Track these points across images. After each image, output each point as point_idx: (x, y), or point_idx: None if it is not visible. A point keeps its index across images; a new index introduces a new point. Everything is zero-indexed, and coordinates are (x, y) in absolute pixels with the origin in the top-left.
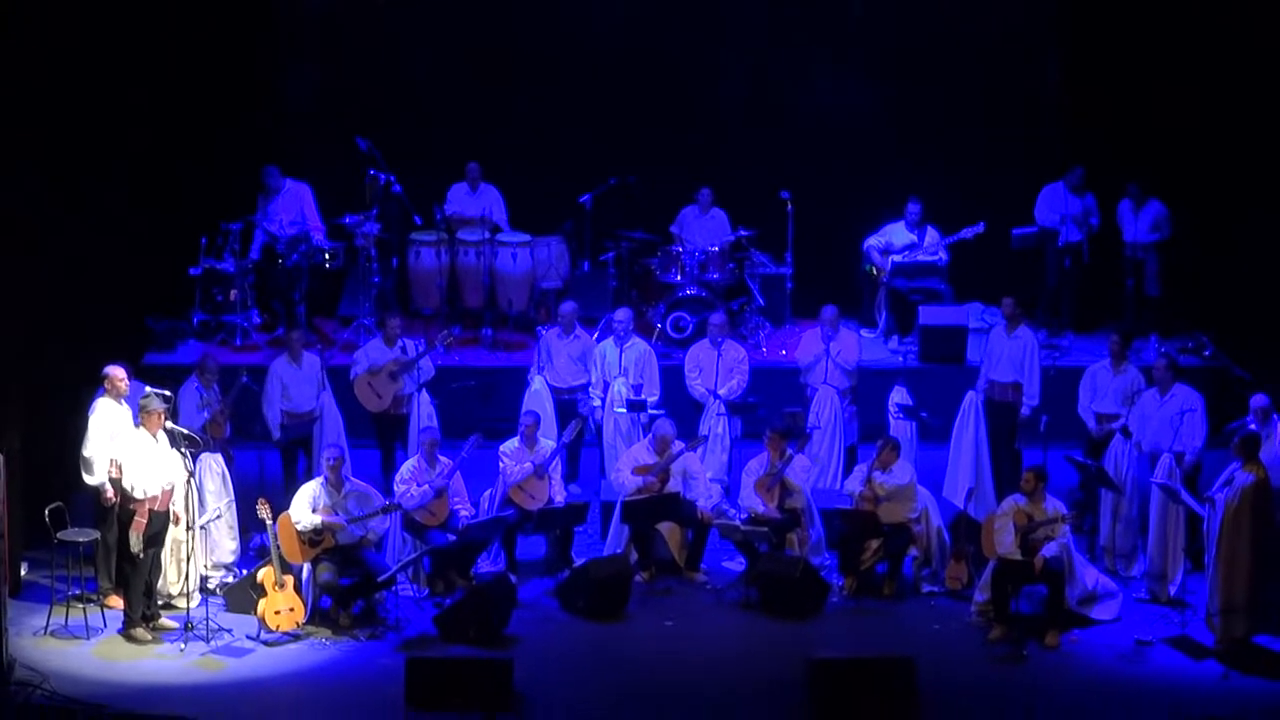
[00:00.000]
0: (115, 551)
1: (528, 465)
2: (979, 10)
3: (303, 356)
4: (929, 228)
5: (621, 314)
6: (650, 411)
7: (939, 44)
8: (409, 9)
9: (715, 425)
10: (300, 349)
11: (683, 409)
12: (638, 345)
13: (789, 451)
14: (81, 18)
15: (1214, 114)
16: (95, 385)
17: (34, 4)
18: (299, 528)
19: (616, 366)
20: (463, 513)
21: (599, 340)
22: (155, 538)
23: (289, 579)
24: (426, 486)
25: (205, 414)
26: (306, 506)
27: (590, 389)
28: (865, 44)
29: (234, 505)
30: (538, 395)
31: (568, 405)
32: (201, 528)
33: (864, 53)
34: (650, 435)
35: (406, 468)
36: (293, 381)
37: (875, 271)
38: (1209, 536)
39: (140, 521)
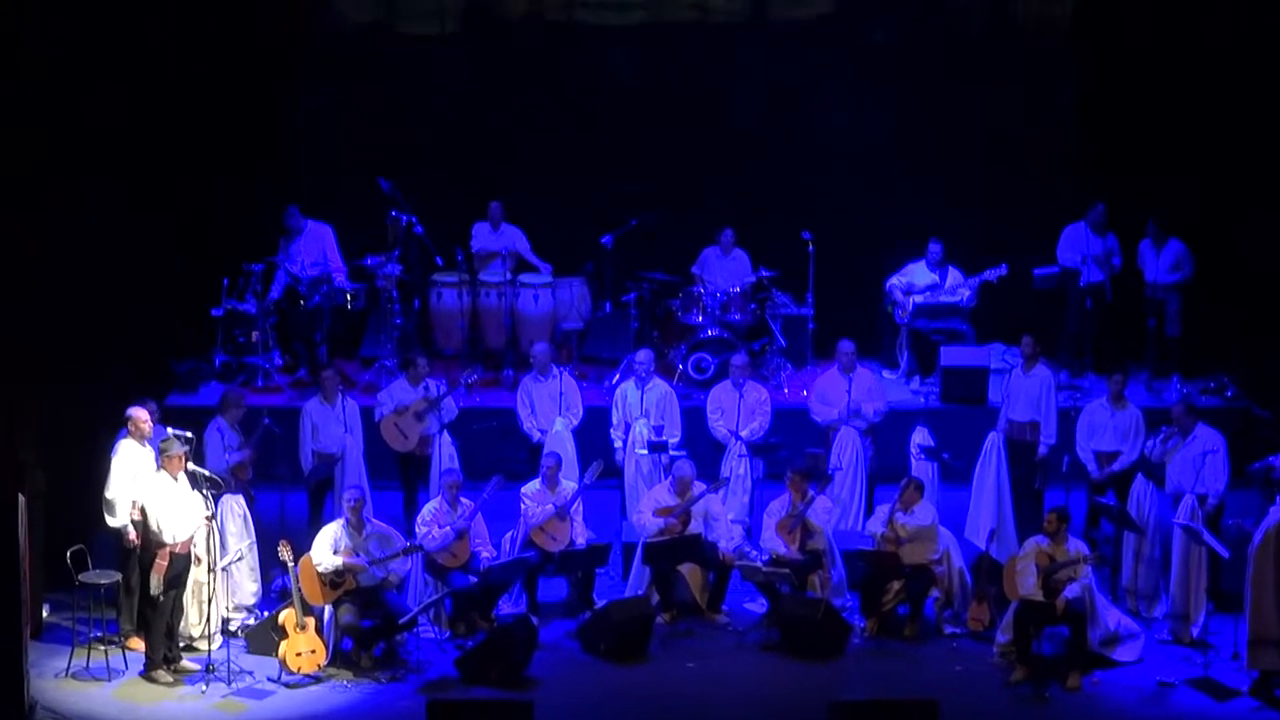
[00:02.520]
0: (137, 593)
1: (549, 507)
2: (999, 50)
3: (337, 397)
4: (950, 268)
5: (643, 355)
6: (671, 453)
7: (959, 84)
8: (429, 50)
9: (737, 467)
10: (334, 389)
11: (704, 450)
12: (659, 386)
13: (810, 493)
14: (100, 56)
15: (1236, 152)
16: (117, 427)
17: (55, 47)
18: (320, 569)
19: (638, 408)
20: (484, 554)
21: (619, 382)
22: (176, 580)
23: (310, 621)
24: (448, 528)
25: (233, 456)
26: (328, 548)
27: (611, 430)
28: (886, 85)
29: (255, 547)
30: (559, 437)
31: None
32: (223, 569)
33: (885, 93)
34: (671, 477)
35: (428, 509)
36: (323, 422)
37: (897, 312)
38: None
39: (161, 564)
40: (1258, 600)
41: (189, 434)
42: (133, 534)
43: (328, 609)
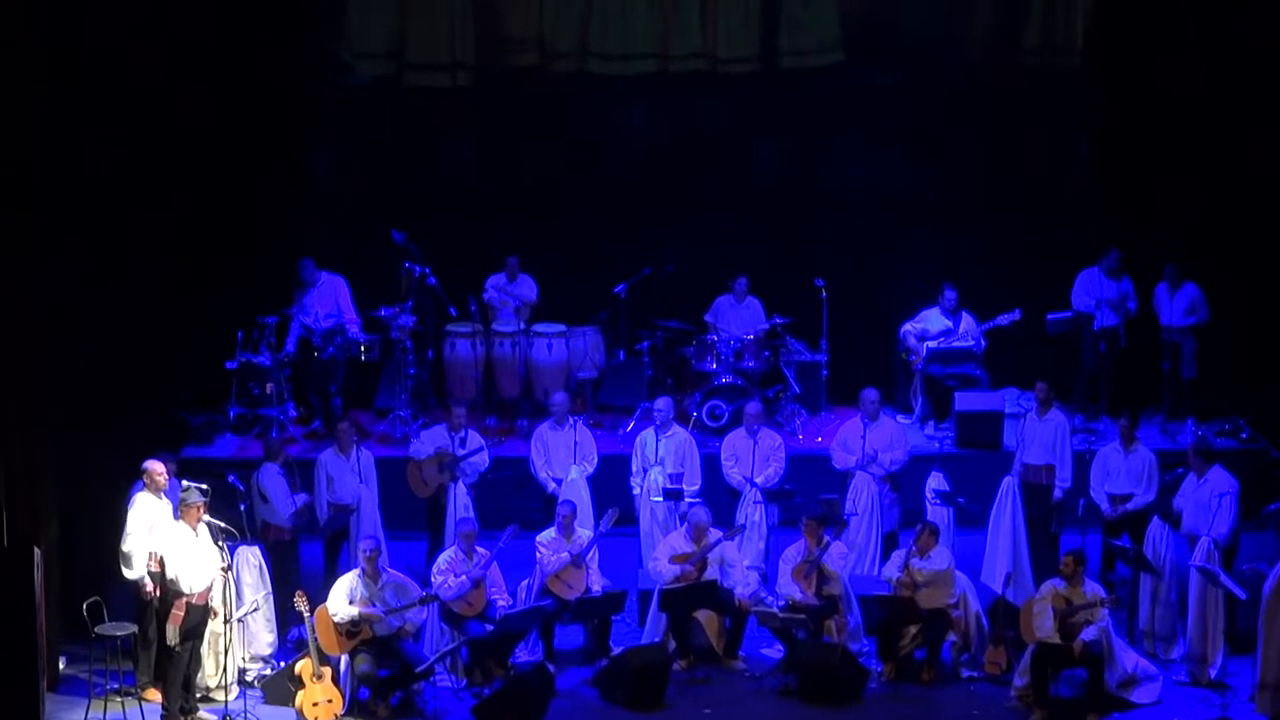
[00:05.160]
0: (154, 645)
1: (564, 555)
2: (1012, 95)
3: (352, 448)
4: (964, 314)
5: (661, 403)
6: (687, 500)
7: (972, 130)
8: (441, 103)
9: (752, 513)
10: (349, 440)
11: (719, 497)
12: (678, 434)
13: (826, 538)
14: (113, 107)
15: (1250, 195)
16: (133, 479)
17: (68, 96)
18: (336, 619)
19: (655, 456)
20: (500, 603)
21: (637, 430)
22: (193, 631)
23: (327, 671)
24: (464, 577)
25: (300, 498)
26: (344, 598)
27: (631, 478)
28: (898, 131)
29: (271, 598)
30: (574, 485)
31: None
32: (239, 620)
33: (897, 140)
34: (687, 524)
35: (444, 558)
36: (338, 473)
37: (911, 358)
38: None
39: (177, 614)
40: (1267, 645)
41: (205, 485)
42: (150, 586)
43: (344, 659)
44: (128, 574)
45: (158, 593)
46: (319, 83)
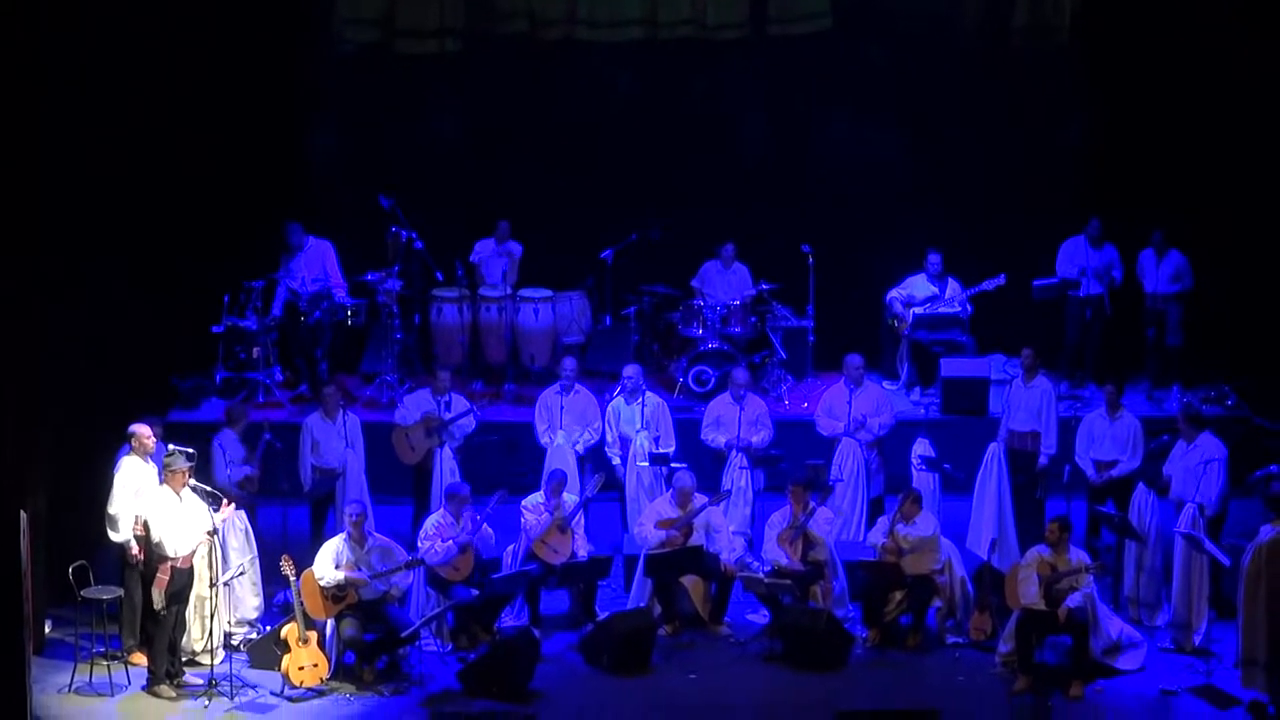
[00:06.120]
0: (139, 609)
1: (545, 516)
2: (1000, 63)
3: (338, 412)
4: (950, 279)
5: (630, 370)
6: (673, 465)
7: (959, 96)
8: (429, 70)
9: (738, 479)
10: (335, 404)
11: (705, 462)
12: (651, 399)
13: (812, 504)
14: (102, 72)
15: (1237, 164)
16: (119, 443)
17: (60, 66)
18: (322, 583)
19: (638, 421)
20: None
21: (613, 397)
22: (179, 595)
23: (313, 635)
24: (450, 542)
25: (240, 469)
26: (330, 562)
27: (607, 448)
28: (886, 99)
29: (257, 561)
30: (560, 451)
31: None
32: (225, 584)
33: (884, 108)
34: (672, 489)
35: (431, 523)
36: (324, 437)
37: (897, 324)
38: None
39: (162, 579)
40: (1248, 621)
41: (191, 450)
42: (136, 549)
43: (330, 623)
44: (114, 537)
45: (143, 556)
46: (310, 49)
